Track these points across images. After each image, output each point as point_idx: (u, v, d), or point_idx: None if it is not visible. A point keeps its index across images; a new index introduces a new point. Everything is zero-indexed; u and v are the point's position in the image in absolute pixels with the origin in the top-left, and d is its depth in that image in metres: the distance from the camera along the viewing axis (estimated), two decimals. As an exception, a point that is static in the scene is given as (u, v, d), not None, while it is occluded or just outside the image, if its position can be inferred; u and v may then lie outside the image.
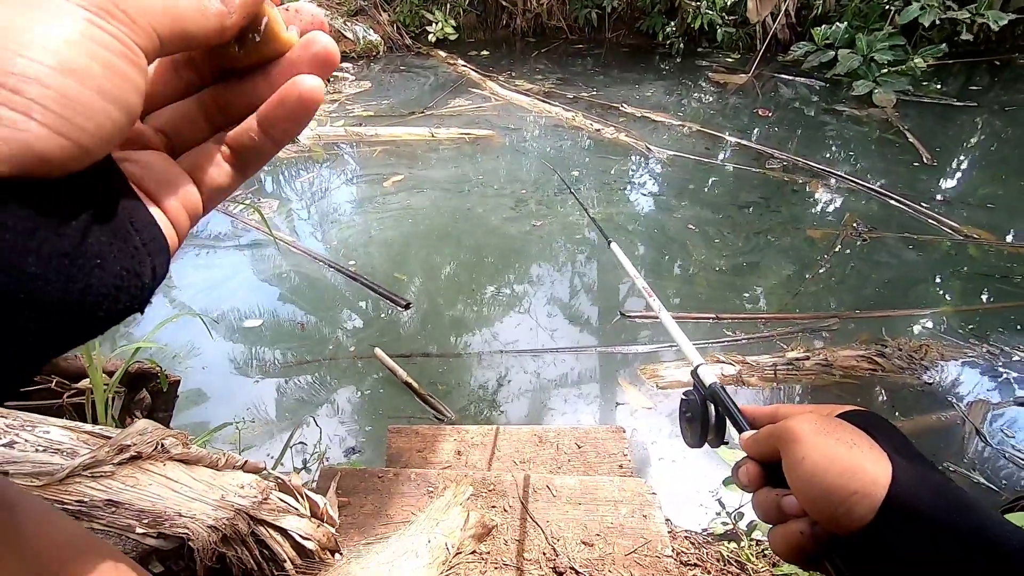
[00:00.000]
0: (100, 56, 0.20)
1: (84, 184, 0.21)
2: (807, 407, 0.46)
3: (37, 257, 0.19)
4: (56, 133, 0.19)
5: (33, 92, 0.18)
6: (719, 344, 2.82)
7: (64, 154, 0.19)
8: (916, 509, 0.34)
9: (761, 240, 3.66)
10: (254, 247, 3.62)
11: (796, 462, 0.39)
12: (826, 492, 0.37)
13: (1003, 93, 5.91)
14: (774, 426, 0.43)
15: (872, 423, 0.42)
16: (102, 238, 0.22)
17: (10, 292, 0.19)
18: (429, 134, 5.08)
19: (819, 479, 0.37)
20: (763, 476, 0.44)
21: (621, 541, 1.43)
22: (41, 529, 0.31)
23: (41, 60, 0.18)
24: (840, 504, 0.36)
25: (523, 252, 3.62)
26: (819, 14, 6.80)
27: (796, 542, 0.40)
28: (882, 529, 0.35)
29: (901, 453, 0.38)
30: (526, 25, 8.14)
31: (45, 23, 0.19)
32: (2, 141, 0.18)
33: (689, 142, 5.02)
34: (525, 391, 2.63)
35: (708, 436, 0.54)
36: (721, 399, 0.54)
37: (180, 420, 2.24)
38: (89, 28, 0.20)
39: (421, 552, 1.28)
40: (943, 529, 0.33)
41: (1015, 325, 2.93)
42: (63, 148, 0.19)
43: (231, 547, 0.99)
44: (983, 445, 2.30)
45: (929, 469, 0.37)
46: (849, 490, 0.36)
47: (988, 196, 4.13)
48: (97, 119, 0.20)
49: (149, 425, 1.07)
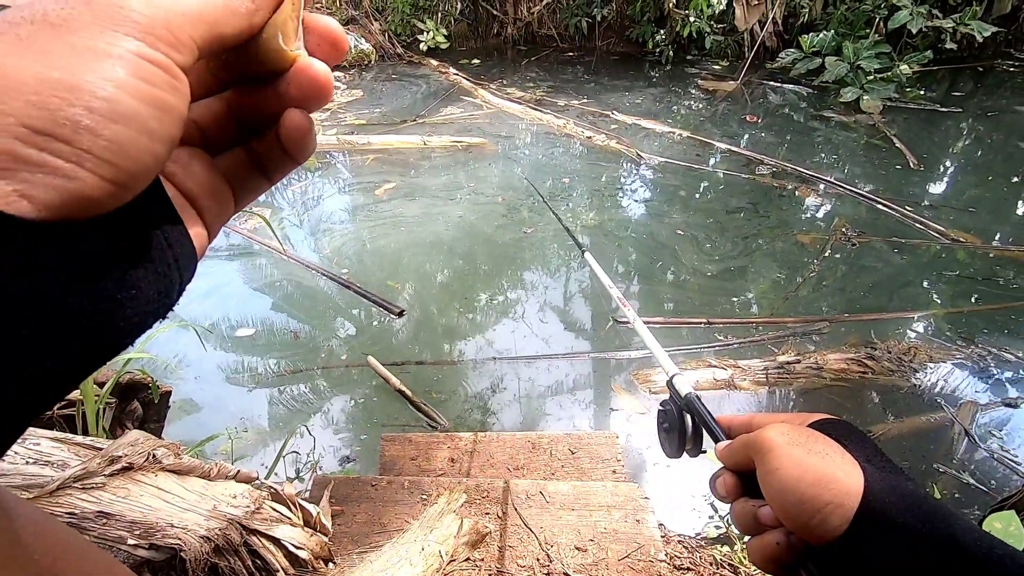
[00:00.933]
0: (148, 96, 0.20)
1: (126, 218, 0.21)
2: (781, 416, 0.46)
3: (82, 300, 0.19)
4: (105, 180, 0.19)
5: (85, 142, 0.18)
6: (711, 348, 2.84)
7: (108, 195, 0.19)
8: (888, 518, 0.35)
9: (752, 245, 3.70)
10: (246, 256, 3.61)
11: (769, 472, 0.39)
12: (799, 503, 0.37)
13: (986, 98, 6.01)
14: (747, 436, 0.43)
15: (844, 433, 0.42)
16: (139, 268, 0.22)
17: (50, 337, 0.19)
18: (421, 142, 5.10)
19: (792, 490, 0.37)
20: (740, 487, 0.44)
21: (614, 546, 1.43)
22: (39, 536, 0.32)
23: (90, 106, 0.18)
24: (814, 515, 0.36)
25: (516, 259, 3.63)
26: (806, 22, 6.90)
27: (772, 553, 0.40)
28: (856, 539, 0.35)
29: (872, 462, 0.39)
30: (517, 34, 8.20)
31: (95, 64, 0.19)
32: (52, 190, 0.18)
33: (679, 149, 5.07)
34: (519, 398, 2.64)
35: (686, 447, 0.53)
36: (696, 409, 0.53)
37: (172, 431, 2.22)
38: (138, 64, 0.20)
39: (415, 560, 1.28)
40: (916, 537, 0.33)
41: (1002, 326, 2.97)
42: (108, 191, 0.19)
43: (224, 557, 0.99)
44: (972, 446, 2.33)
45: (900, 477, 0.38)
46: (822, 501, 0.36)
47: (973, 200, 4.20)
48: (143, 158, 0.20)
49: (140, 436, 1.07)
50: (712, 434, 0.50)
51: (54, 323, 0.19)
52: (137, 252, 0.22)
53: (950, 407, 2.50)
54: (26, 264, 0.18)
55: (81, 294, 0.19)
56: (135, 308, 0.22)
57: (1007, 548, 0.32)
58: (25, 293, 0.18)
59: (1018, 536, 1.51)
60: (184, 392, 2.56)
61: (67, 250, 0.19)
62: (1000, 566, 0.31)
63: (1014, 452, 2.30)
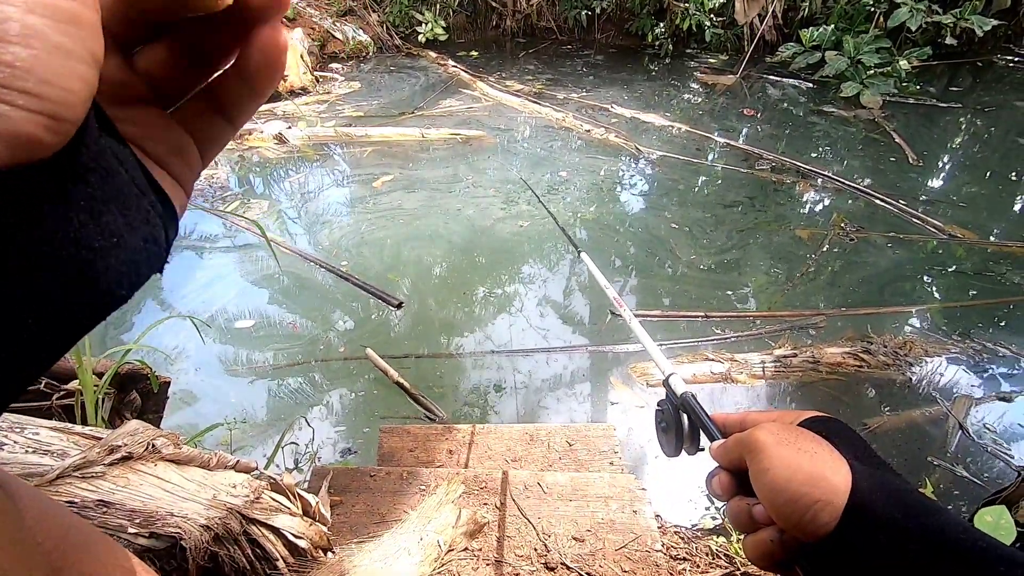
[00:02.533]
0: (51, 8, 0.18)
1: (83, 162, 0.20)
2: (773, 414, 0.47)
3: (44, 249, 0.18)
4: (35, 112, 0.17)
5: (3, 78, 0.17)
6: (708, 342, 2.85)
7: (46, 130, 0.18)
8: (876, 513, 0.35)
9: (750, 239, 3.70)
10: (245, 248, 3.61)
11: (760, 472, 0.40)
12: (790, 501, 0.38)
13: (984, 94, 6.01)
14: (739, 436, 0.44)
15: (833, 430, 0.43)
16: (115, 213, 0.21)
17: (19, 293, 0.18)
18: (420, 135, 5.08)
19: (782, 489, 0.38)
20: (735, 485, 0.45)
21: (611, 536, 1.44)
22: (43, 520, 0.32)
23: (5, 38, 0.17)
24: (804, 512, 0.37)
25: (514, 252, 3.63)
26: (805, 16, 6.88)
27: (767, 549, 0.41)
28: (845, 535, 0.36)
29: (861, 459, 0.39)
30: (516, 26, 8.16)
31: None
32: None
33: (678, 143, 5.06)
34: (517, 391, 2.65)
35: (684, 445, 0.54)
36: (692, 408, 0.53)
37: (171, 422, 2.22)
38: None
39: (413, 550, 1.29)
40: (903, 531, 0.34)
41: (997, 321, 2.98)
42: (43, 125, 0.18)
43: (223, 546, 0.99)
44: (966, 439, 2.35)
45: (888, 474, 0.39)
46: (812, 499, 0.37)
47: (971, 195, 4.21)
48: (67, 82, 0.18)
49: (140, 425, 1.07)
50: (708, 433, 0.50)
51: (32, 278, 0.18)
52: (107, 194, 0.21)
53: (945, 401, 2.52)
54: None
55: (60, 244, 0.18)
56: (119, 258, 0.21)
57: (991, 540, 0.33)
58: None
59: (1009, 530, 1.53)
60: (184, 383, 2.57)
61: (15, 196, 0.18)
62: (984, 559, 0.32)
63: (1007, 446, 2.32)
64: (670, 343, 2.83)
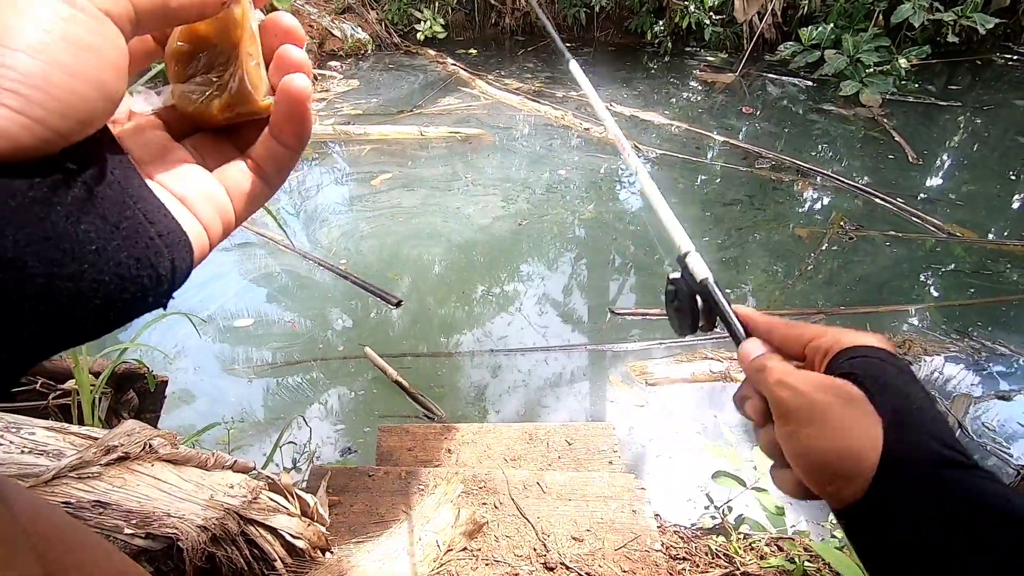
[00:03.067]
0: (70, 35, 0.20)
1: (69, 171, 0.21)
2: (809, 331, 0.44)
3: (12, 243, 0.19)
4: (20, 114, 0.19)
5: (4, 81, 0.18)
6: (707, 340, 2.85)
7: (33, 137, 0.19)
8: (904, 484, 0.34)
9: (749, 238, 3.70)
10: (244, 246, 3.59)
11: (786, 436, 0.39)
12: (815, 471, 0.37)
13: (984, 92, 6.01)
14: (768, 385, 0.41)
15: (876, 374, 0.39)
16: (98, 224, 0.21)
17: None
18: (418, 133, 5.07)
19: (806, 460, 0.37)
20: (768, 413, 0.42)
21: (611, 536, 1.44)
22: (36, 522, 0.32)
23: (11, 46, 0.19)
24: (827, 484, 0.37)
25: (513, 250, 3.63)
26: (805, 14, 6.87)
27: (799, 488, 0.40)
28: (874, 502, 0.35)
29: (900, 411, 0.37)
30: (515, 24, 8.13)
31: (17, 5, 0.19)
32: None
33: (678, 141, 5.05)
34: (516, 389, 2.64)
35: (699, 324, 0.50)
36: (714, 299, 0.48)
37: (169, 421, 2.22)
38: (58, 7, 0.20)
39: (412, 550, 1.28)
40: (934, 495, 0.33)
41: (996, 320, 2.98)
42: (32, 131, 0.19)
43: (221, 547, 0.99)
44: (966, 438, 2.35)
45: (926, 425, 0.36)
46: (834, 472, 0.36)
47: (970, 194, 4.20)
48: (67, 99, 0.20)
49: (136, 425, 1.06)
50: (733, 334, 0.46)
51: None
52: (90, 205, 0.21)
53: (944, 400, 2.52)
54: None
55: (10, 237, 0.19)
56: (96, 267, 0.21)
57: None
58: None
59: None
60: (182, 382, 2.56)
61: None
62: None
63: (1007, 444, 2.32)
64: (669, 342, 2.83)
